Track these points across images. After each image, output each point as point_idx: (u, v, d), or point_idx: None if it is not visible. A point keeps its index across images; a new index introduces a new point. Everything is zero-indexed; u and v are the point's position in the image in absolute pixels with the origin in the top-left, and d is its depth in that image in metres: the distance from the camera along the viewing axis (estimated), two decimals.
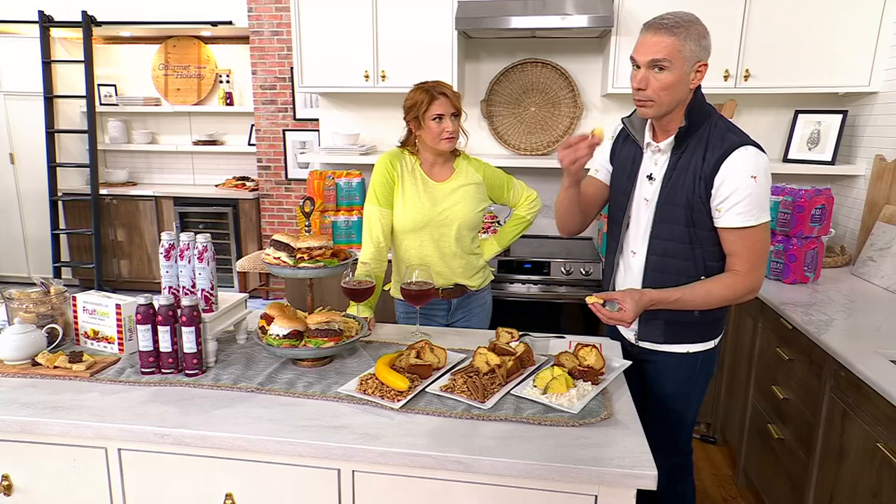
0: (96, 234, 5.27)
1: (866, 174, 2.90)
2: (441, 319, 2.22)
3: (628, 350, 1.83)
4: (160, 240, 1.66)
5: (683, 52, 1.53)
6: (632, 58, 1.60)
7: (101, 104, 5.53)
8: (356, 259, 1.96)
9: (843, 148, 3.03)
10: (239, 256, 5.32)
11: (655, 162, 1.70)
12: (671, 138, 1.63)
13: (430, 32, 3.13)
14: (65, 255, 5.54)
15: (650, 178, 1.70)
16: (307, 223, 1.74)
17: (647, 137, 1.71)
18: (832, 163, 3.00)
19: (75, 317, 1.77)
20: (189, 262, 1.64)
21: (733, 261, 1.62)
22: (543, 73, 3.39)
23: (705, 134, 1.60)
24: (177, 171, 5.83)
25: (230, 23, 4.99)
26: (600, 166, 1.90)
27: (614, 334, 1.91)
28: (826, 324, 2.05)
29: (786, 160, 3.16)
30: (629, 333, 1.82)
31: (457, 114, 1.99)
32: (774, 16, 2.86)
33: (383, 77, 3.21)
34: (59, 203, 5.39)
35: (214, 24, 4.99)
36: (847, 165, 3.02)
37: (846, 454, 1.79)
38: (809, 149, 3.10)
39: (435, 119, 1.96)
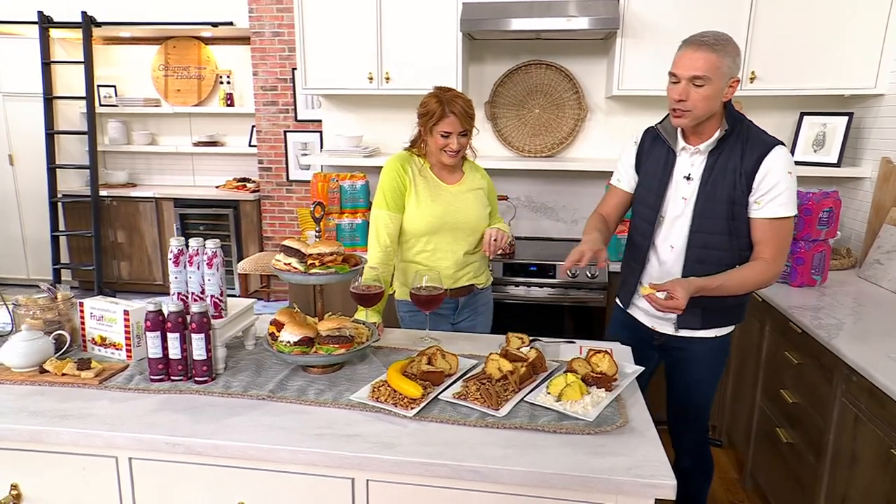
0: (96, 235, 5.23)
1: (872, 176, 2.89)
2: (447, 318, 2.22)
3: (651, 342, 1.96)
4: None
5: (721, 69, 1.68)
6: (672, 73, 1.74)
7: (100, 105, 5.50)
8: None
9: (848, 150, 3.03)
10: (240, 258, 5.29)
11: (692, 163, 1.84)
12: (710, 141, 1.79)
13: (435, 34, 3.11)
14: (64, 257, 5.50)
15: (688, 178, 1.84)
16: (317, 229, 1.73)
17: (681, 142, 1.86)
18: (838, 165, 2.99)
19: (82, 323, 1.76)
20: (198, 268, 1.63)
21: (761, 248, 1.76)
22: (548, 74, 3.37)
23: (740, 136, 1.77)
24: (177, 173, 5.80)
25: (231, 23, 4.96)
26: (623, 176, 2.04)
27: (634, 332, 1.99)
28: (836, 328, 2.04)
29: None
30: (667, 325, 1.92)
31: (465, 133, 2.01)
32: (780, 18, 2.85)
33: (387, 79, 3.20)
34: (59, 204, 5.35)
35: (215, 24, 4.97)
36: (853, 168, 3.01)
37: (858, 460, 1.78)
38: (815, 151, 3.09)
39: (443, 135, 2.00)
